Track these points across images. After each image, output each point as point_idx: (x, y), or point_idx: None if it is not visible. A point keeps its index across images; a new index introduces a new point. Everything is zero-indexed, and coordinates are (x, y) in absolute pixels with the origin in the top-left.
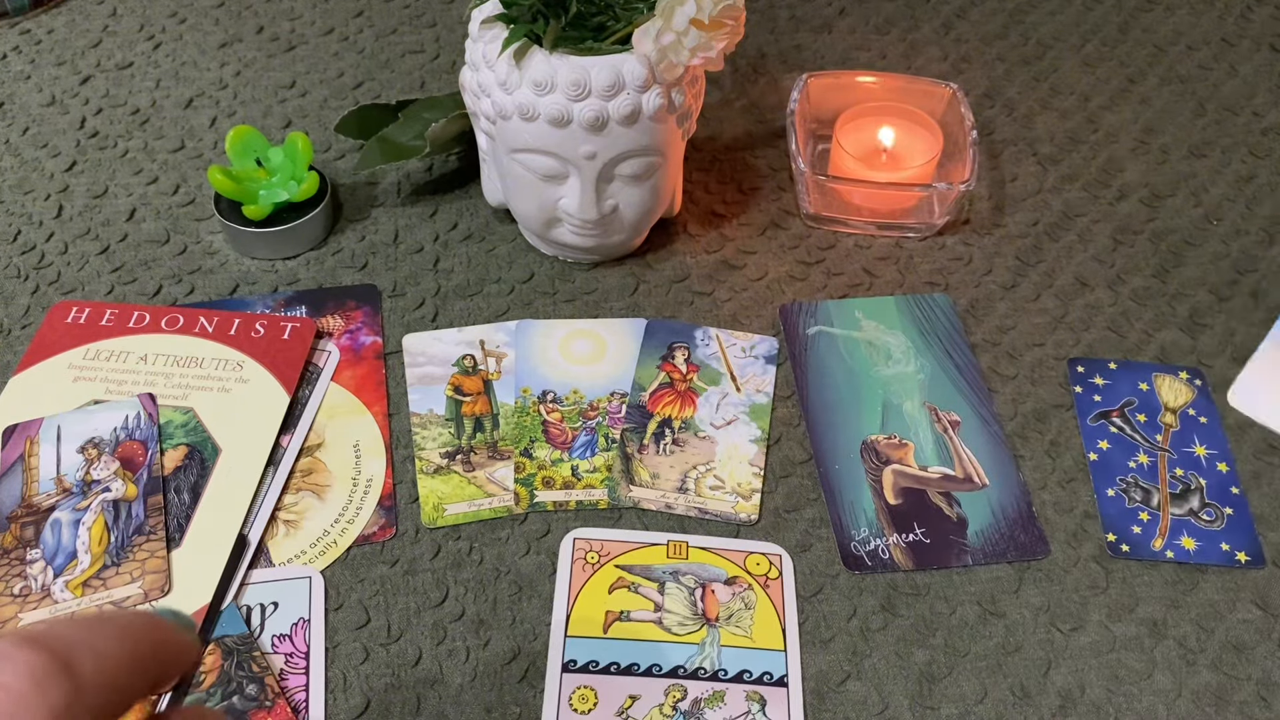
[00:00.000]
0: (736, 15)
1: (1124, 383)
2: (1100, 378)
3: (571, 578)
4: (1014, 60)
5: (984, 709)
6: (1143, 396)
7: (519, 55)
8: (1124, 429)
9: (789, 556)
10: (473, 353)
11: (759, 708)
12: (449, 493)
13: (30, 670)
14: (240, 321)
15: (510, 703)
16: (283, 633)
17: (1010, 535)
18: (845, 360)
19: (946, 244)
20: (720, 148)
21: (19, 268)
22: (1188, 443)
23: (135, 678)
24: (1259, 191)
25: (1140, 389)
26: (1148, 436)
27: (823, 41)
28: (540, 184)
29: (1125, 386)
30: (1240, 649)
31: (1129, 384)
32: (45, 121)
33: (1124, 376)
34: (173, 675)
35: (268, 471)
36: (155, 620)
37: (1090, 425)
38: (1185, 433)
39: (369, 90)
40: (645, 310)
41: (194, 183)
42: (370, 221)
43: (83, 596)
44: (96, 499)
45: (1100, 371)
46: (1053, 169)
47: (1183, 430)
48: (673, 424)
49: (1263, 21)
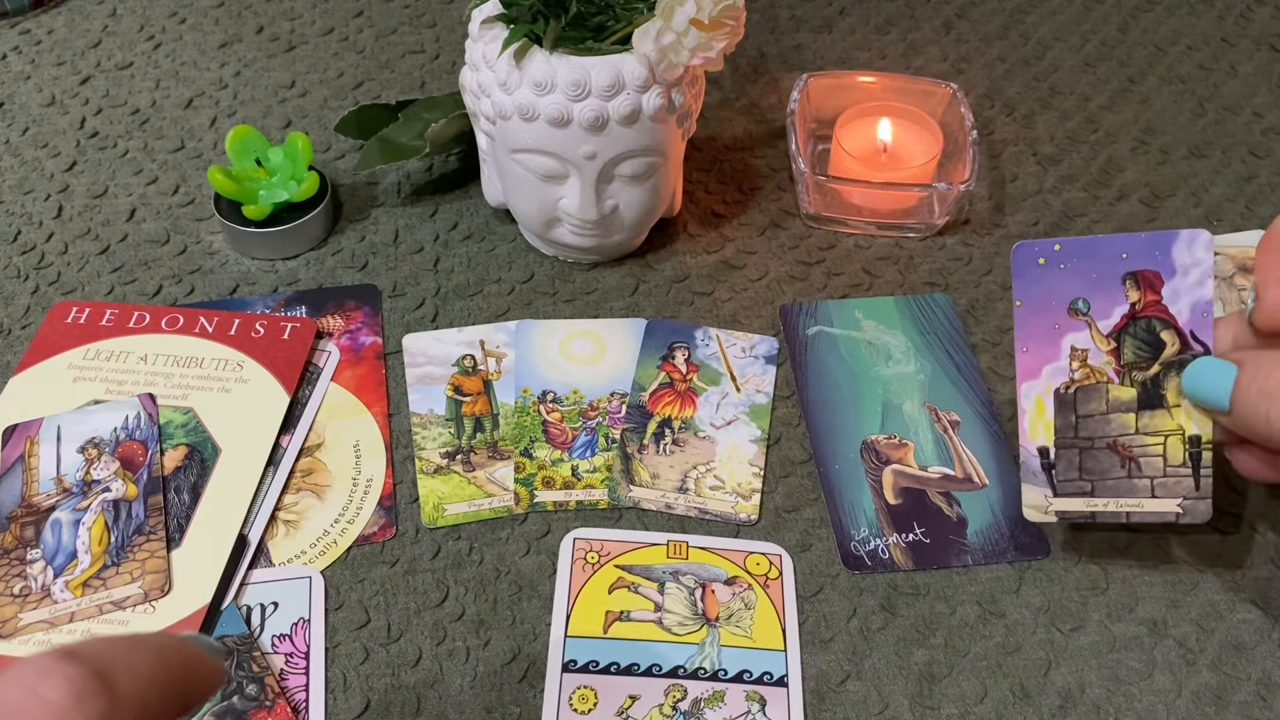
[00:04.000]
0: (736, 15)
1: None
2: None
3: (571, 578)
4: (1014, 60)
5: (984, 709)
6: None
7: (519, 55)
8: None
9: (789, 556)
10: (473, 353)
11: (759, 708)
12: (449, 493)
13: (70, 684)
14: (240, 321)
15: (510, 703)
16: (283, 633)
17: (1010, 535)
18: (845, 360)
19: (946, 244)
20: (720, 148)
21: (19, 268)
22: None
23: (168, 698)
24: (1259, 191)
25: None
26: None
27: (823, 41)
28: (540, 184)
29: None
30: (1240, 649)
31: None
32: (45, 121)
33: None
34: (202, 699)
35: (268, 471)
36: (186, 644)
37: None
38: None
39: (369, 90)
40: (645, 310)
41: (194, 183)
42: (370, 221)
43: (83, 596)
44: (96, 499)
45: None
46: (1053, 169)
47: None
48: (673, 424)
49: (1263, 21)
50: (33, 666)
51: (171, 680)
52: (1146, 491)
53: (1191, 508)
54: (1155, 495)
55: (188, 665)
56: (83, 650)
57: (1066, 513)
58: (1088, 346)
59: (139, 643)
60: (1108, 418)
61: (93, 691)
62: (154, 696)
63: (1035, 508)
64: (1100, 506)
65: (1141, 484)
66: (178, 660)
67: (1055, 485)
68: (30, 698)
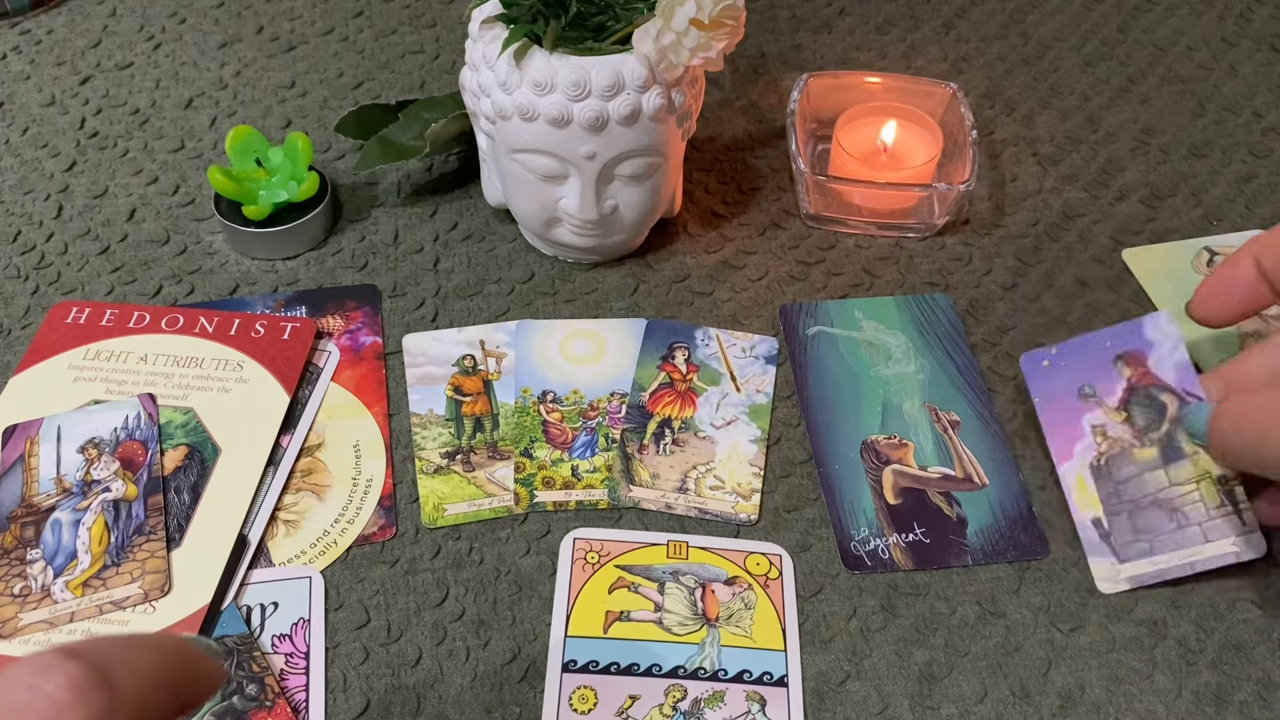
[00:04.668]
0: (736, 15)
1: None
2: None
3: (571, 578)
4: (1014, 60)
5: (984, 709)
6: None
7: (519, 55)
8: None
9: (789, 556)
10: (473, 353)
11: (759, 708)
12: (449, 493)
13: (72, 681)
14: (240, 321)
15: (510, 703)
16: (283, 633)
17: (1010, 535)
18: (845, 360)
19: (946, 244)
20: (720, 148)
21: (19, 268)
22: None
23: (168, 698)
24: (1259, 191)
25: None
26: None
27: (823, 41)
28: (540, 184)
29: None
30: (1240, 649)
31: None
32: (45, 121)
33: None
34: (202, 699)
35: (268, 471)
36: (186, 644)
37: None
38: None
39: (369, 90)
40: (645, 310)
41: (194, 183)
42: (370, 221)
43: (82, 596)
44: (96, 499)
45: None
46: (1053, 169)
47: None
48: (673, 424)
49: (1263, 21)
50: (34, 664)
51: (171, 680)
52: (1200, 538)
53: (1244, 543)
54: (1209, 540)
55: (188, 665)
56: (84, 648)
57: (1139, 577)
58: (1104, 422)
59: (140, 642)
60: (1142, 478)
61: (94, 689)
62: (154, 695)
63: (1108, 579)
64: (1165, 564)
65: (1193, 532)
66: (178, 660)
67: (1117, 551)
68: (32, 695)
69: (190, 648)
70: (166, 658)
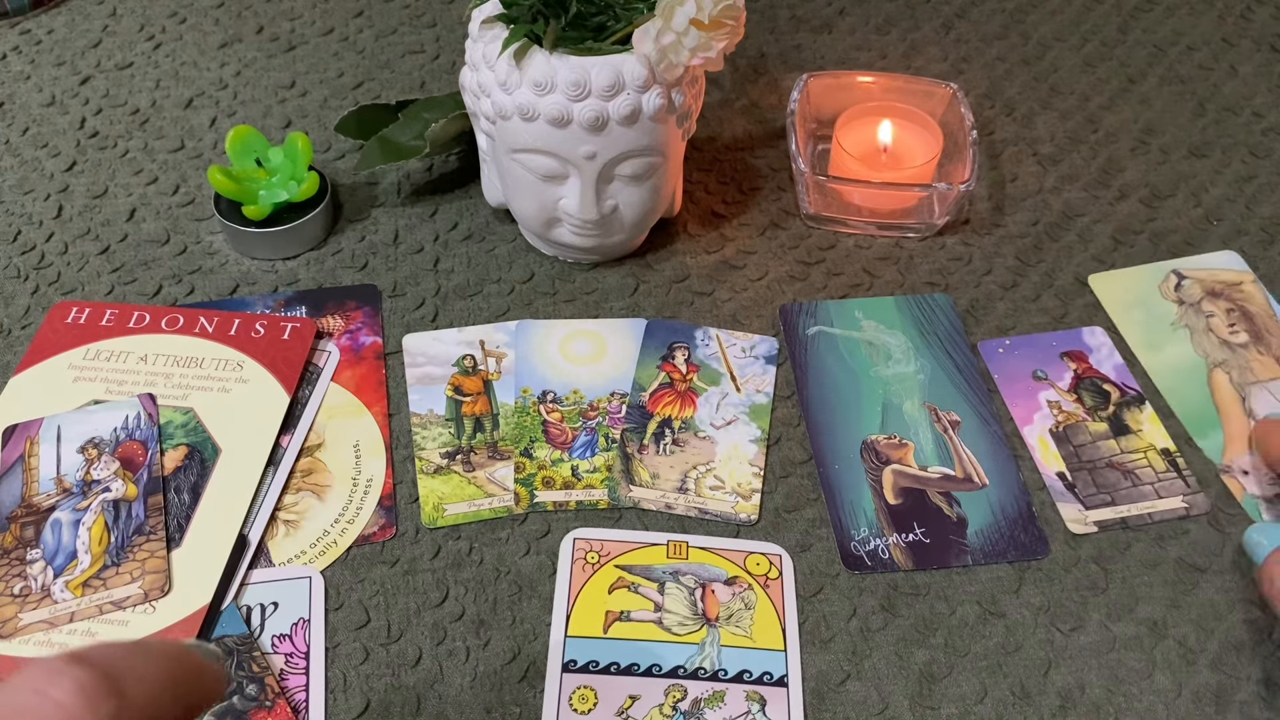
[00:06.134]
0: (736, 15)
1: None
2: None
3: (571, 578)
4: (1014, 60)
5: (984, 709)
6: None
7: (519, 55)
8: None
9: (789, 556)
10: (473, 353)
11: (759, 708)
12: (449, 493)
13: (80, 686)
14: (240, 321)
15: (510, 703)
16: (283, 633)
17: (1010, 535)
18: (845, 360)
19: (946, 244)
20: (720, 148)
21: (19, 268)
22: None
23: (173, 704)
24: (1259, 191)
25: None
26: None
27: (823, 41)
28: (540, 184)
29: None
30: (1240, 649)
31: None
32: (45, 121)
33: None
34: (206, 705)
35: (268, 471)
36: (191, 652)
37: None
38: None
39: (369, 90)
40: (645, 310)
41: (194, 183)
42: (370, 221)
43: (82, 596)
44: (96, 499)
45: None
46: (1053, 169)
47: None
48: (673, 424)
49: (1263, 21)
50: (43, 669)
51: (177, 687)
52: (1154, 495)
53: (1193, 502)
54: (1161, 497)
55: (193, 673)
56: (92, 654)
57: (1104, 521)
58: (1058, 399)
59: (147, 649)
60: (1096, 444)
61: (103, 695)
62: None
63: (1076, 521)
64: (1127, 512)
65: (1146, 489)
66: (184, 667)
67: (1083, 500)
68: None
69: (195, 656)
70: (173, 665)
